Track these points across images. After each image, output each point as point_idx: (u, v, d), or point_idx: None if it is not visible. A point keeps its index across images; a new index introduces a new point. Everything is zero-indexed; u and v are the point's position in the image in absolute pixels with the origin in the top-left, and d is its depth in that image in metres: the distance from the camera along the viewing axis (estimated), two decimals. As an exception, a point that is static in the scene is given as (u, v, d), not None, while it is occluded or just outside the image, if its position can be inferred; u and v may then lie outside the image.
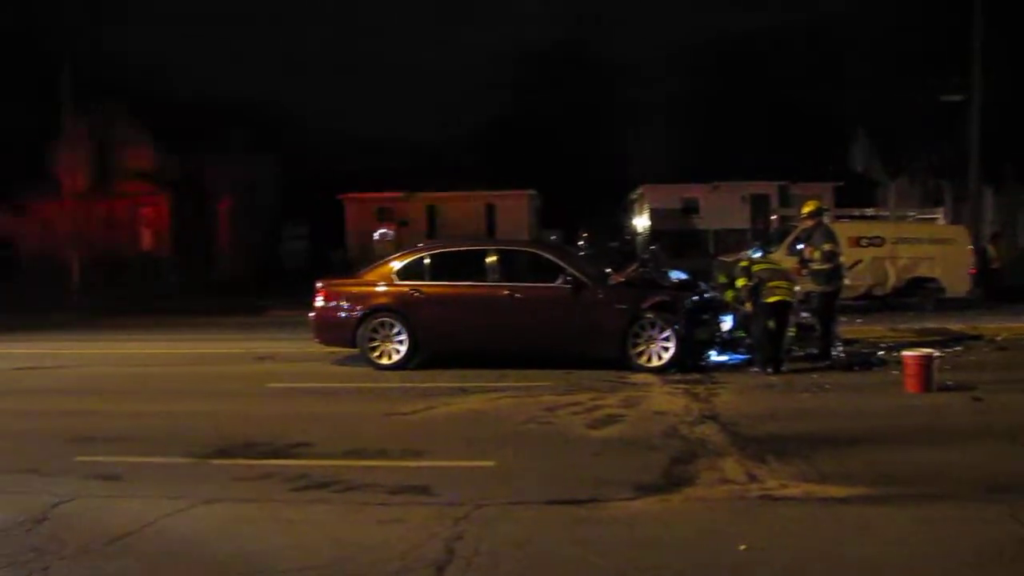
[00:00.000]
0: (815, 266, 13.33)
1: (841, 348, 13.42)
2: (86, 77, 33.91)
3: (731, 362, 13.27)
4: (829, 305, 13.27)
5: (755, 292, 12.63)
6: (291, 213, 44.16)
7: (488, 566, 5.55)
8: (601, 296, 13.10)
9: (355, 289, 13.70)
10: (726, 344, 13.66)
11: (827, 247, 13.27)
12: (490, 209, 42.19)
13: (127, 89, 39.59)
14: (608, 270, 15.09)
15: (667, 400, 10.74)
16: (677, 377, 12.21)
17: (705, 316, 13.21)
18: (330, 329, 13.65)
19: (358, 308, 13.36)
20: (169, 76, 41.90)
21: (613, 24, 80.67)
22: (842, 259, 13.91)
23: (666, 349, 12.73)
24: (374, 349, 13.19)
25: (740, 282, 12.86)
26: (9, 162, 44.66)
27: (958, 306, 20.13)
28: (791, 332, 13.01)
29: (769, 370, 12.31)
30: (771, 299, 12.43)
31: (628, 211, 53.20)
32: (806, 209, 14.03)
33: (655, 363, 12.69)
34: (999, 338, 15.51)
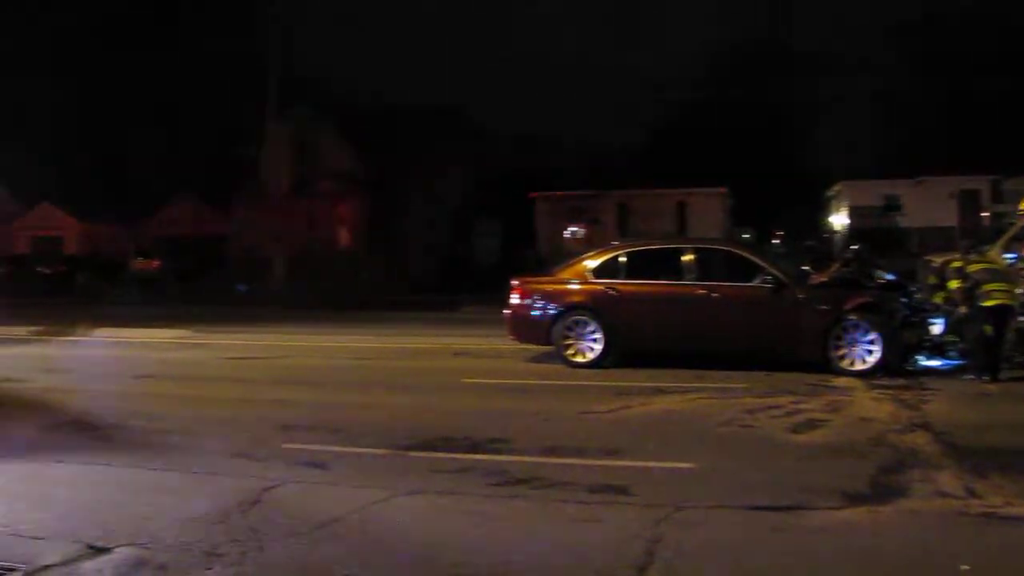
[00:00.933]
0: None
1: None
2: (289, 82, 35.63)
3: (941, 368, 12.55)
4: None
5: (970, 295, 11.89)
6: (483, 211, 44.88)
7: (690, 571, 5.40)
8: (801, 296, 12.67)
9: (550, 287, 13.75)
10: (935, 349, 12.94)
11: None
12: (681, 207, 41.62)
13: (326, 93, 41.38)
14: (805, 269, 14.59)
15: (873, 406, 10.25)
16: (883, 382, 11.65)
17: (913, 319, 12.56)
18: (525, 326, 13.76)
19: (553, 306, 13.41)
20: (365, 80, 43.40)
21: (806, 14, 77.95)
22: None
23: (870, 352, 12.19)
24: (568, 347, 13.20)
25: (953, 284, 12.15)
26: (218, 164, 47.56)
27: None
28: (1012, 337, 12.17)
29: (985, 378, 11.56)
30: (989, 303, 11.68)
31: (825, 209, 51.41)
32: None
33: (858, 367, 12.16)
34: None
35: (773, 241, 44.33)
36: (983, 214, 32.22)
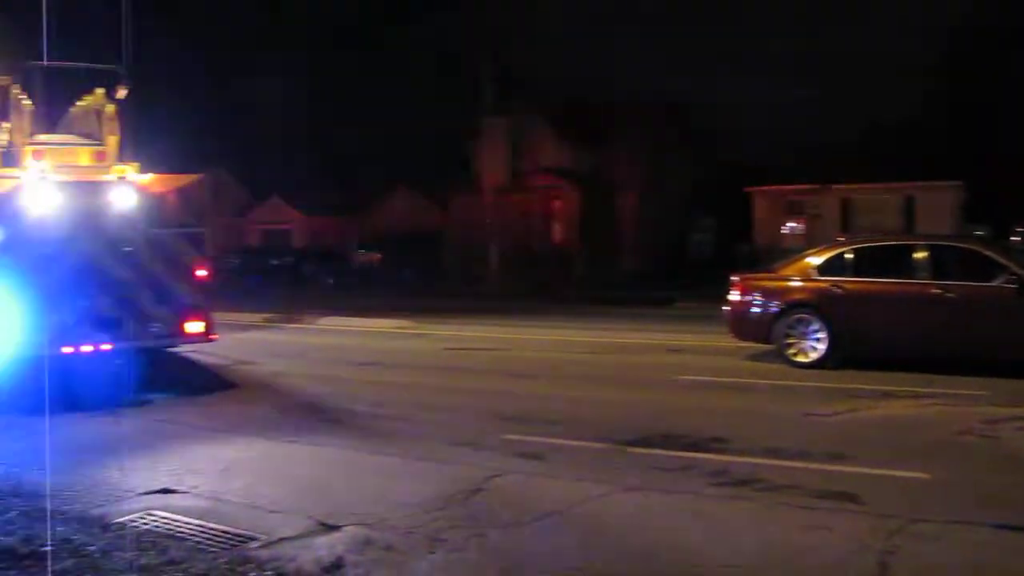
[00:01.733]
0: None
1: None
2: (506, 77, 36.20)
3: None
4: None
5: None
6: (697, 206, 44.21)
7: (930, 588, 5.09)
8: (1051, 299, 11.71)
9: (771, 284, 13.33)
10: None
11: None
12: (908, 202, 39.47)
13: (542, 88, 41.77)
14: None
15: None
16: None
17: None
18: (745, 324, 13.40)
19: (774, 303, 12.99)
20: (582, 75, 43.49)
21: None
22: None
23: None
24: (790, 346, 12.76)
25: None
26: (435, 160, 48.97)
27: None
28: None
29: None
30: None
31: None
32: None
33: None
34: None
35: (1013, 238, 41.33)
36: None
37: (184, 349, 12.87)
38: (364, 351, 15.72)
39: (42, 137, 12.42)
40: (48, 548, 4.98)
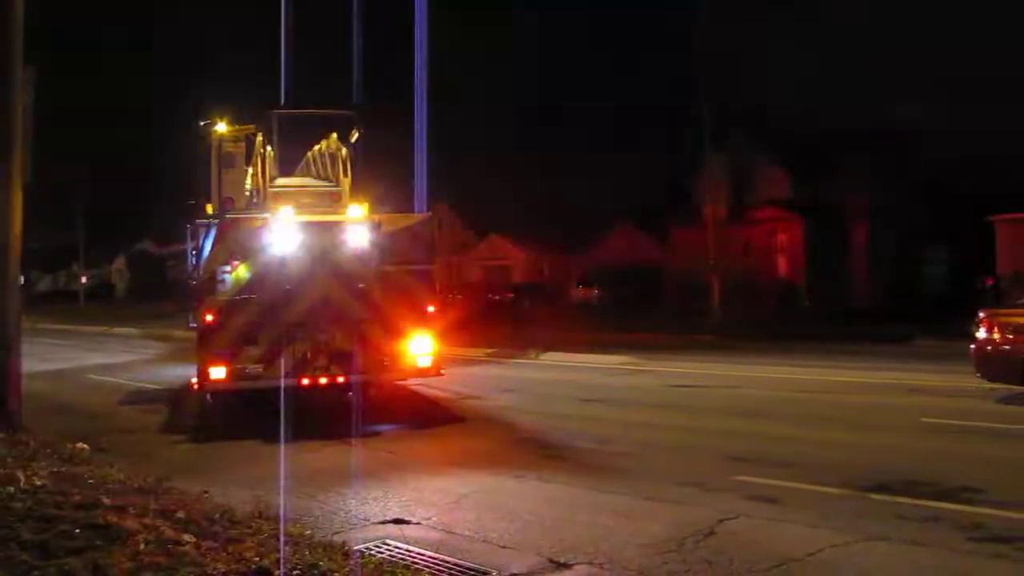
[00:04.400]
0: None
1: None
2: (727, 109, 35.67)
3: None
4: None
5: None
6: (932, 237, 41.89)
7: None
8: None
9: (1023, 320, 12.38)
10: None
11: None
12: None
13: (764, 119, 40.90)
14: None
15: None
16: None
17: None
18: (994, 363, 12.47)
19: (1027, 342, 12.05)
20: (804, 107, 42.39)
21: None
22: None
23: None
24: (1046, 388, 11.79)
25: None
26: (655, 194, 48.75)
27: None
28: None
29: None
30: None
31: None
32: None
33: None
34: None
35: None
36: None
37: (413, 382, 13.26)
38: (587, 387, 15.70)
39: (282, 181, 13.19)
40: (298, 572, 5.18)
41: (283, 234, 11.40)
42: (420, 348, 11.83)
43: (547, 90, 55.81)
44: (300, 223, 11.57)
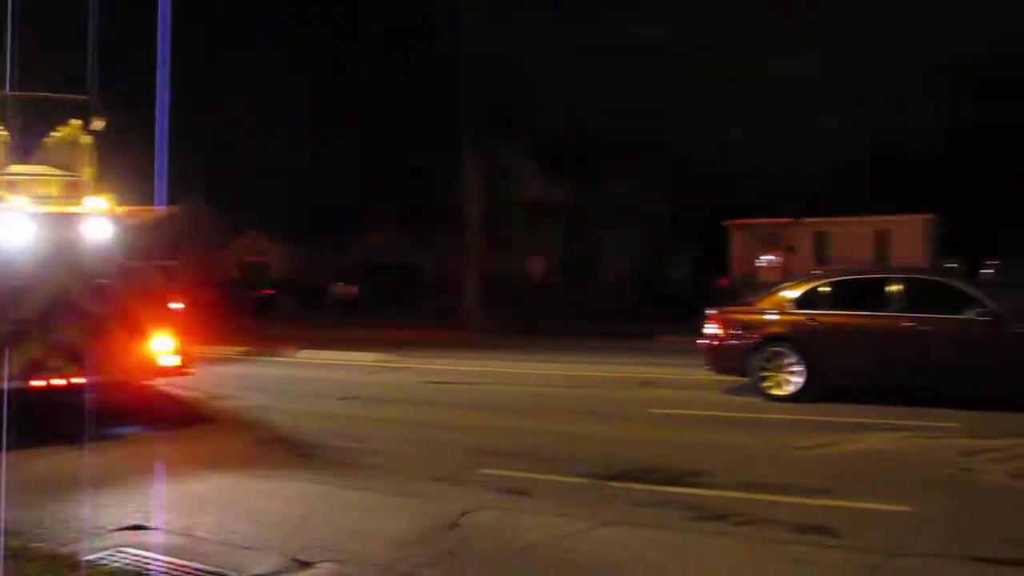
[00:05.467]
0: None
1: None
2: (486, 110, 36.34)
3: None
4: None
5: None
6: (674, 240, 44.45)
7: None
8: (1021, 330, 11.80)
9: (748, 317, 13.38)
10: None
11: None
12: (881, 235, 39.86)
13: (523, 122, 41.92)
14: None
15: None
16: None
17: None
18: (721, 357, 13.43)
19: (751, 336, 13.03)
20: (563, 109, 43.77)
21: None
22: None
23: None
24: (766, 379, 12.78)
25: None
26: (416, 193, 48.98)
27: None
28: None
29: None
30: None
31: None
32: None
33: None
34: None
35: (983, 271, 41.76)
36: None
37: (160, 383, 12.75)
38: (345, 385, 15.60)
39: (16, 168, 12.34)
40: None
41: (15, 225, 10.67)
42: (165, 347, 11.36)
43: (315, 89, 54.67)
44: (34, 214, 10.87)
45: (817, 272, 15.01)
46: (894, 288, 12.60)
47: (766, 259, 36.57)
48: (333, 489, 8.18)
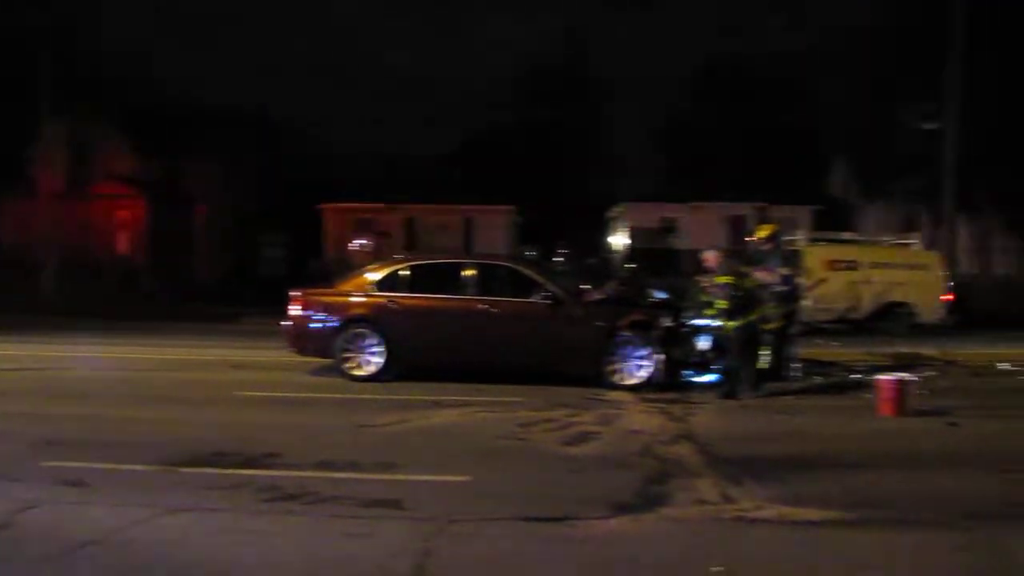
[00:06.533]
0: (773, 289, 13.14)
1: (799, 370, 13.41)
2: (65, 77, 33.67)
3: (707, 383, 13.17)
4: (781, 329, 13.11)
5: (735, 312, 12.50)
6: (270, 220, 43.95)
7: (459, 583, 5.48)
8: (578, 313, 13.06)
9: (331, 299, 13.61)
10: (702, 364, 13.55)
11: (783, 271, 13.15)
12: (469, 223, 42.17)
13: (106, 89, 39.31)
14: (588, 287, 15.07)
15: (642, 419, 10.69)
16: (653, 396, 12.17)
17: (682, 335, 13.15)
18: (305, 339, 13.54)
19: (334, 318, 13.28)
20: (150, 77, 41.57)
21: (601, 46, 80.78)
22: (801, 281, 14.01)
23: (642, 367, 12.71)
24: (348, 360, 13.09)
25: (721, 303, 12.70)
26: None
27: (931, 332, 20.23)
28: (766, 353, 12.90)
29: (749, 392, 12.21)
30: (750, 318, 12.38)
31: (607, 229, 53.25)
32: (761, 234, 13.80)
33: (630, 381, 12.66)
34: (972, 364, 15.54)
35: (555, 259, 45.58)
36: (748, 239, 33.86)
37: None
38: None
39: None
40: None
41: None
42: None
43: None
44: None
45: (399, 256, 15.60)
46: (468, 273, 13.41)
47: (358, 243, 37.21)
48: None
